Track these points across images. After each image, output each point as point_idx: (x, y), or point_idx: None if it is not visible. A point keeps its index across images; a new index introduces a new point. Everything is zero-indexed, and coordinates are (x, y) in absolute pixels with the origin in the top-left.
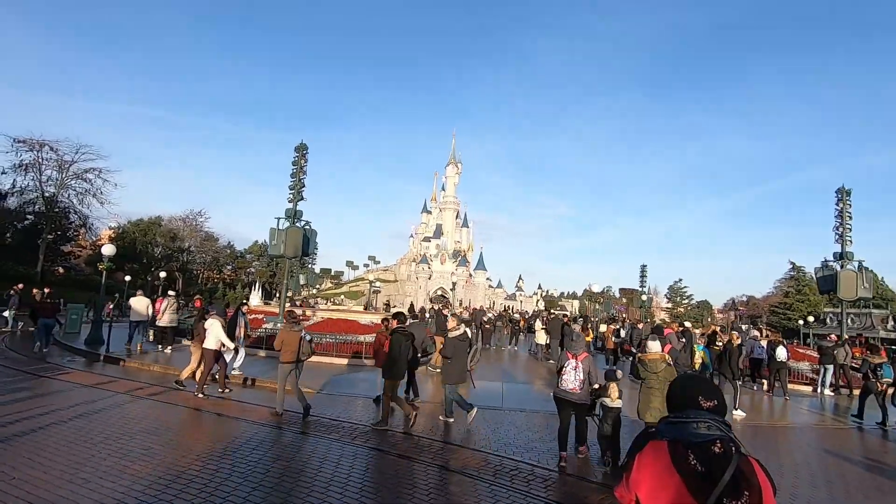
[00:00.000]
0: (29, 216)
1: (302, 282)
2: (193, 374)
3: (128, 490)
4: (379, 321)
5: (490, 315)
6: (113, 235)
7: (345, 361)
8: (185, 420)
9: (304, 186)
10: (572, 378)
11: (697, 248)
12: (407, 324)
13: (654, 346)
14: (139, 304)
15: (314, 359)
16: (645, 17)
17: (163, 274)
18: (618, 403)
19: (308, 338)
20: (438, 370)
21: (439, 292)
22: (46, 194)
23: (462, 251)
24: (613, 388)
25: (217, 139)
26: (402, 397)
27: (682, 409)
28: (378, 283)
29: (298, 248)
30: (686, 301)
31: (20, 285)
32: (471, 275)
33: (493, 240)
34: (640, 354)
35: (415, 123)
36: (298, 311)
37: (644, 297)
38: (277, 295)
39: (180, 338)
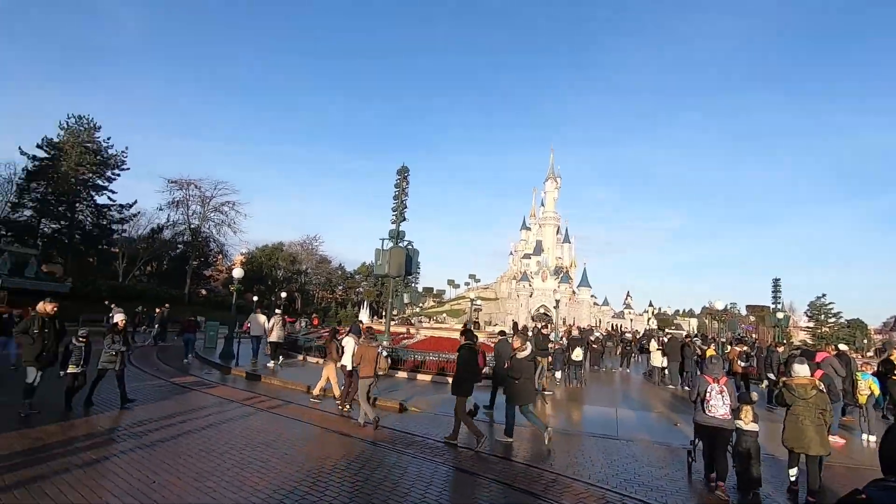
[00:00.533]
0: (179, 245)
1: (406, 300)
2: (323, 390)
3: (246, 501)
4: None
5: (598, 334)
6: (243, 260)
7: (446, 379)
8: (299, 434)
9: (406, 207)
10: (721, 403)
11: (844, 258)
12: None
13: (801, 369)
14: (258, 320)
15: (418, 376)
16: (755, 9)
17: (283, 294)
18: (753, 427)
19: (385, 353)
20: (547, 392)
21: (542, 310)
22: (192, 226)
23: (564, 268)
24: (748, 411)
25: (327, 168)
26: (470, 417)
27: None
28: (479, 301)
29: (402, 267)
30: (833, 320)
31: (167, 305)
32: (574, 292)
33: (596, 255)
34: (784, 378)
35: (512, 140)
36: (402, 329)
37: (779, 315)
38: (383, 313)
39: (294, 353)
